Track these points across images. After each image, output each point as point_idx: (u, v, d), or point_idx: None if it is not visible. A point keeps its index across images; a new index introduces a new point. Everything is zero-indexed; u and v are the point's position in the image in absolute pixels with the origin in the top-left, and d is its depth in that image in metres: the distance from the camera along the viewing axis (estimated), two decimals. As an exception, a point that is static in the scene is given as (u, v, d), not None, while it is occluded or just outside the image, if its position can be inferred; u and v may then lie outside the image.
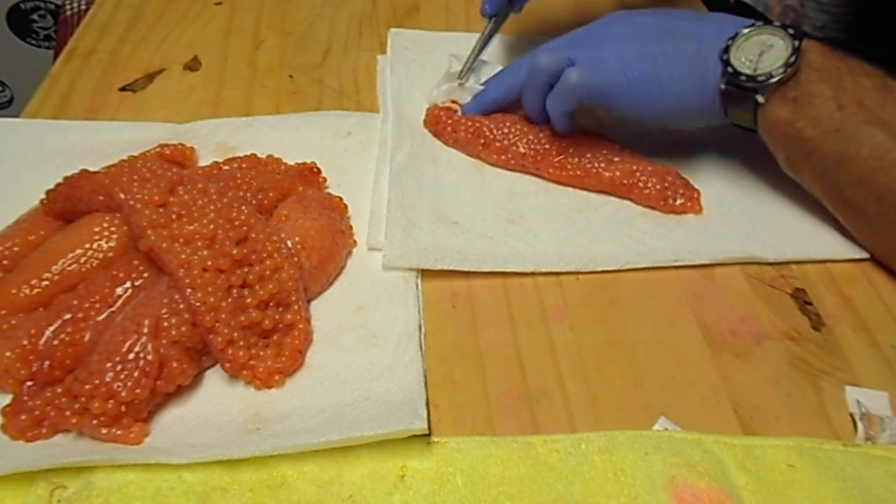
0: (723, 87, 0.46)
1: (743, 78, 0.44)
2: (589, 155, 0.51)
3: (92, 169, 0.44)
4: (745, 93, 0.45)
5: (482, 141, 0.52)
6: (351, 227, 0.47)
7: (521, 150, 0.51)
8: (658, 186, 0.49)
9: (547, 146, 0.51)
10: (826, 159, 0.44)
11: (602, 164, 0.50)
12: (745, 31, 0.45)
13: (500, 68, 0.56)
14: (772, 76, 0.44)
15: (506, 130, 0.52)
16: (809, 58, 0.44)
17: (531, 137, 0.52)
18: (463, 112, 0.55)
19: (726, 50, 0.45)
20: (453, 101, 0.55)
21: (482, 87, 0.55)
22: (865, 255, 0.47)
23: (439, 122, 0.54)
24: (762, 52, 0.44)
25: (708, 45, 0.46)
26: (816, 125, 0.43)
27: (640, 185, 0.49)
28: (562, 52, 0.49)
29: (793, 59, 0.43)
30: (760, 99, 0.45)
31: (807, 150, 0.44)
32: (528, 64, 0.51)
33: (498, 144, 0.52)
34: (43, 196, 0.44)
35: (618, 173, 0.50)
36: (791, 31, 0.44)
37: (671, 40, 0.47)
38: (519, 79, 0.52)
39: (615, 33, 0.48)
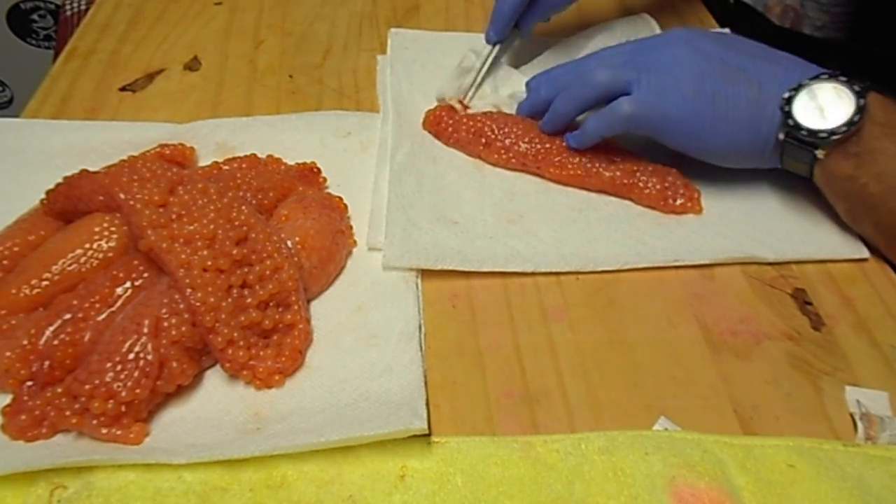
0: (781, 137, 0.45)
1: (804, 132, 0.43)
2: (589, 154, 0.51)
3: (92, 169, 0.44)
4: (804, 146, 0.44)
5: (483, 140, 0.52)
6: (351, 227, 0.47)
7: (523, 149, 0.51)
8: (658, 186, 0.49)
9: (548, 145, 0.51)
10: (891, 216, 0.43)
11: (602, 164, 0.50)
12: (810, 82, 0.44)
13: (521, 76, 0.56)
14: (834, 133, 0.43)
15: (507, 130, 0.52)
16: (872, 112, 0.43)
17: (532, 136, 0.52)
18: (518, 112, 0.54)
19: (788, 101, 0.44)
20: (461, 102, 0.55)
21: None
22: (865, 255, 0.47)
23: (440, 123, 0.54)
24: (825, 106, 0.43)
25: (769, 91, 0.45)
26: (880, 181, 0.42)
27: (641, 185, 0.49)
28: (620, 72, 0.48)
29: (857, 117, 0.42)
30: (820, 154, 0.44)
31: (870, 206, 0.44)
32: (580, 70, 0.50)
33: (499, 144, 0.52)
34: (43, 196, 0.44)
35: (618, 173, 0.50)
36: (857, 87, 0.43)
37: (732, 79, 0.46)
38: (571, 80, 0.51)
39: (677, 57, 0.47)
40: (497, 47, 0.57)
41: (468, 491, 0.34)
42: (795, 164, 0.46)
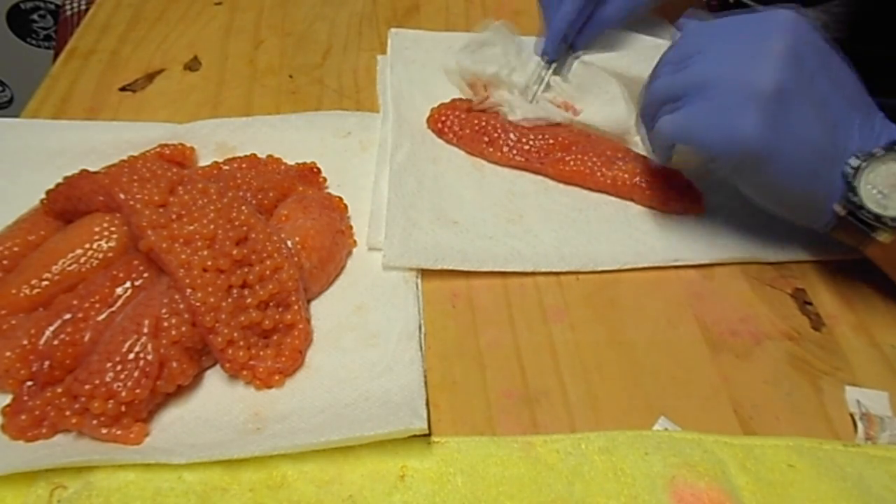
0: (841, 212, 0.39)
1: (866, 213, 0.38)
2: (593, 153, 0.50)
3: (92, 169, 0.44)
4: (864, 226, 0.39)
5: (486, 139, 0.52)
6: (351, 227, 0.47)
7: (527, 147, 0.51)
8: (663, 187, 0.49)
9: (552, 143, 0.51)
10: None
11: (606, 163, 0.50)
12: (885, 154, 0.38)
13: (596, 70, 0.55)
14: None
15: (511, 127, 0.52)
16: None
17: (536, 135, 0.52)
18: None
19: (856, 173, 0.38)
20: (484, 86, 0.55)
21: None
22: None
23: (445, 121, 0.54)
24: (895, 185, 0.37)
25: (838, 142, 0.39)
26: None
27: (645, 185, 0.49)
28: (679, 79, 0.41)
29: None
30: (881, 238, 0.39)
31: None
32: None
33: (501, 141, 0.52)
34: (43, 196, 0.44)
35: (622, 173, 0.49)
36: None
37: (813, 106, 0.38)
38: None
39: (763, 45, 0.39)
40: (553, 65, 0.57)
41: (468, 491, 0.34)
42: (845, 237, 0.41)
